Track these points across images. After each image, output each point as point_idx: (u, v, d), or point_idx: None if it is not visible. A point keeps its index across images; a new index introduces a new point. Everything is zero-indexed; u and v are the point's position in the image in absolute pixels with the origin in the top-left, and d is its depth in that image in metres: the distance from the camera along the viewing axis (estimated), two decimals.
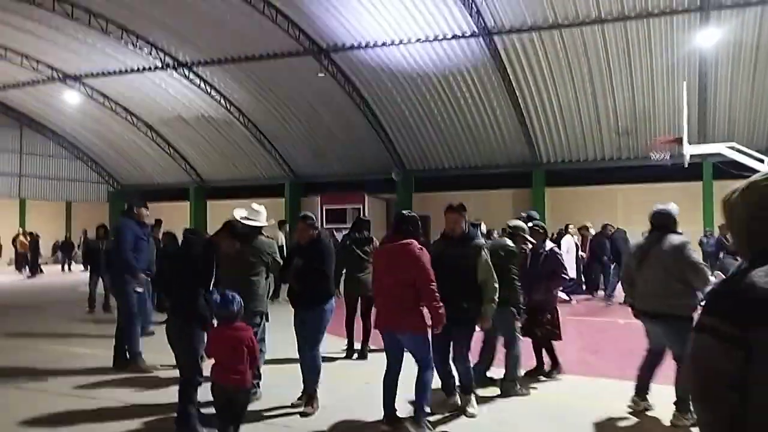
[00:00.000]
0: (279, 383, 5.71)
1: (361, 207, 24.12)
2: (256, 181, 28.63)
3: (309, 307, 5.15)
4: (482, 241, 5.17)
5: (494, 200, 23.41)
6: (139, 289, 7.10)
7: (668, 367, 4.80)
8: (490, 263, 4.92)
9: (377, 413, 4.66)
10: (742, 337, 1.33)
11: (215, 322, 4.35)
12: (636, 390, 4.96)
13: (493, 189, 24.29)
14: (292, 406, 5.16)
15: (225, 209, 5.78)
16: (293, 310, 5.27)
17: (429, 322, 4.46)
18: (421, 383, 4.43)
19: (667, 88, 19.17)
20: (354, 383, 6.06)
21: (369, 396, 5.16)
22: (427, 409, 4.50)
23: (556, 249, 6.33)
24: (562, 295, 10.20)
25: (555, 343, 6.21)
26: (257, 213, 5.58)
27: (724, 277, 8.52)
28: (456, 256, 4.79)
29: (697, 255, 4.90)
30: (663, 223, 4.92)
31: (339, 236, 19.35)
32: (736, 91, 19.17)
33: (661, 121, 20.06)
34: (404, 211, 4.74)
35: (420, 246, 4.48)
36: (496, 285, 4.91)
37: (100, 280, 11.20)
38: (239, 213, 5.50)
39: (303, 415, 5.00)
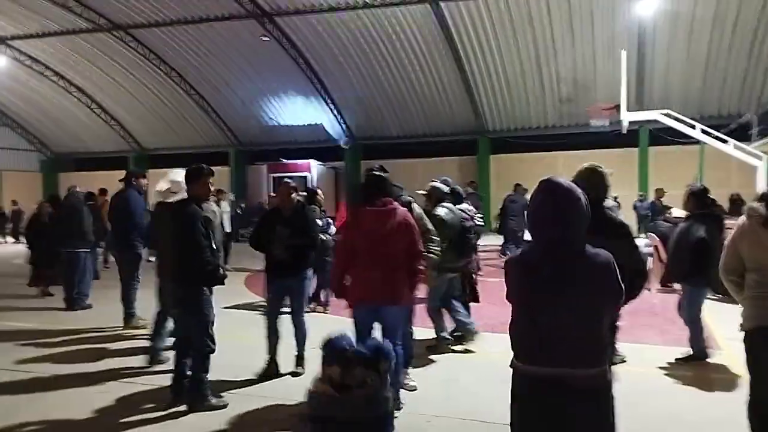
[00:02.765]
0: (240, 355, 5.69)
1: (309, 175, 23.91)
2: (199, 149, 27.80)
3: (295, 276, 5.15)
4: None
5: (441, 168, 23.60)
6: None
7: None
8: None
9: None
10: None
11: None
12: None
13: (440, 156, 24.54)
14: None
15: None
16: (271, 279, 5.21)
17: None
18: (402, 359, 4.22)
19: (607, 56, 19.64)
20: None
21: None
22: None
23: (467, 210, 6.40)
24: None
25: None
26: (179, 183, 5.34)
27: (656, 237, 8.98)
28: None
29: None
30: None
31: None
32: (671, 60, 19.86)
33: (601, 89, 20.58)
34: (376, 171, 4.23)
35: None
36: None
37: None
38: (162, 186, 5.51)
39: (294, 375, 5.15)
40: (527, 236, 2.54)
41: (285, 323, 5.30)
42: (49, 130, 30.35)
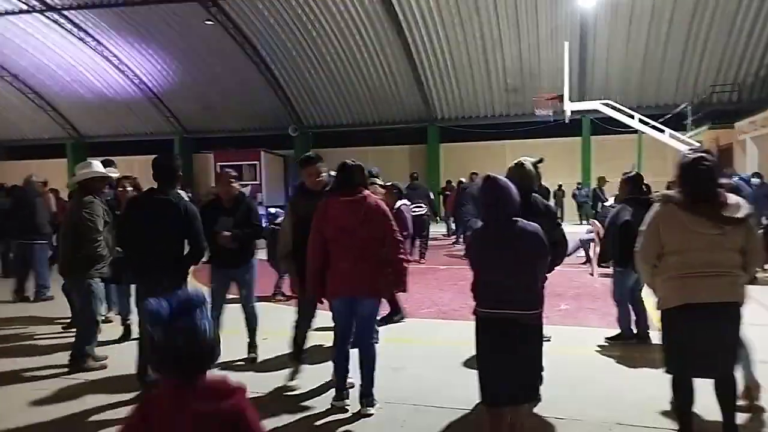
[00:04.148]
0: None
1: (258, 164, 23.55)
2: (142, 137, 26.97)
3: (241, 265, 5.14)
4: None
5: (392, 156, 23.74)
6: None
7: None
8: None
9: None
10: None
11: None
12: None
13: (390, 145, 24.61)
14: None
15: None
16: (215, 269, 5.17)
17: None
18: (373, 357, 4.08)
19: (551, 47, 20.10)
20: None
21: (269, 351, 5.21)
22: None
23: (403, 207, 6.82)
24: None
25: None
26: (78, 175, 5.30)
27: (598, 223, 9.31)
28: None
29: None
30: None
31: None
32: (612, 51, 20.49)
33: (546, 79, 21.07)
34: (348, 161, 4.13)
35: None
36: None
37: None
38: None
39: (253, 360, 5.21)
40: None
41: (231, 312, 5.24)
42: None
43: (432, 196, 13.51)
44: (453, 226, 15.53)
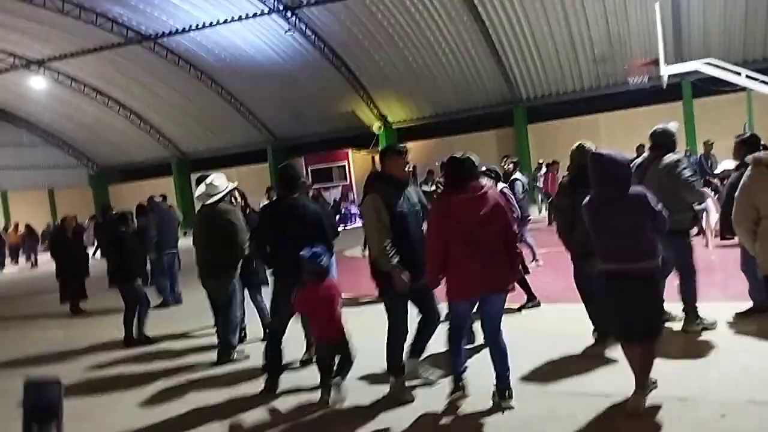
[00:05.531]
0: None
1: (347, 164, 24.05)
2: (237, 148, 28.35)
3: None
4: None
5: (478, 143, 23.36)
6: None
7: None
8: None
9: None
10: None
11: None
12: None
13: (475, 132, 24.25)
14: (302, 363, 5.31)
15: None
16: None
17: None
18: (506, 351, 3.95)
19: (640, 8, 18.90)
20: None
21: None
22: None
23: (506, 190, 6.45)
24: None
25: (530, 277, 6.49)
26: (215, 187, 5.63)
27: (708, 191, 8.66)
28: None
29: (689, 172, 4.90)
30: (661, 142, 4.97)
31: (327, 196, 19.41)
32: (709, 6, 18.96)
33: (637, 44, 19.85)
34: (457, 155, 3.95)
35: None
36: None
37: None
38: (200, 190, 5.72)
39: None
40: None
41: None
42: (93, 144, 31.43)
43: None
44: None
